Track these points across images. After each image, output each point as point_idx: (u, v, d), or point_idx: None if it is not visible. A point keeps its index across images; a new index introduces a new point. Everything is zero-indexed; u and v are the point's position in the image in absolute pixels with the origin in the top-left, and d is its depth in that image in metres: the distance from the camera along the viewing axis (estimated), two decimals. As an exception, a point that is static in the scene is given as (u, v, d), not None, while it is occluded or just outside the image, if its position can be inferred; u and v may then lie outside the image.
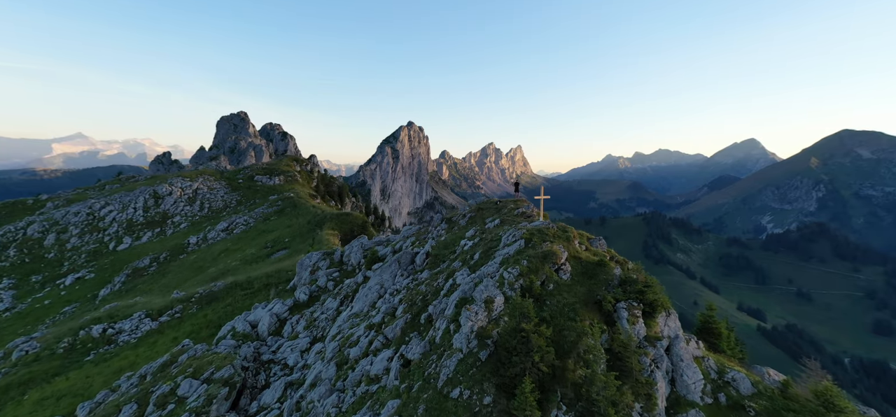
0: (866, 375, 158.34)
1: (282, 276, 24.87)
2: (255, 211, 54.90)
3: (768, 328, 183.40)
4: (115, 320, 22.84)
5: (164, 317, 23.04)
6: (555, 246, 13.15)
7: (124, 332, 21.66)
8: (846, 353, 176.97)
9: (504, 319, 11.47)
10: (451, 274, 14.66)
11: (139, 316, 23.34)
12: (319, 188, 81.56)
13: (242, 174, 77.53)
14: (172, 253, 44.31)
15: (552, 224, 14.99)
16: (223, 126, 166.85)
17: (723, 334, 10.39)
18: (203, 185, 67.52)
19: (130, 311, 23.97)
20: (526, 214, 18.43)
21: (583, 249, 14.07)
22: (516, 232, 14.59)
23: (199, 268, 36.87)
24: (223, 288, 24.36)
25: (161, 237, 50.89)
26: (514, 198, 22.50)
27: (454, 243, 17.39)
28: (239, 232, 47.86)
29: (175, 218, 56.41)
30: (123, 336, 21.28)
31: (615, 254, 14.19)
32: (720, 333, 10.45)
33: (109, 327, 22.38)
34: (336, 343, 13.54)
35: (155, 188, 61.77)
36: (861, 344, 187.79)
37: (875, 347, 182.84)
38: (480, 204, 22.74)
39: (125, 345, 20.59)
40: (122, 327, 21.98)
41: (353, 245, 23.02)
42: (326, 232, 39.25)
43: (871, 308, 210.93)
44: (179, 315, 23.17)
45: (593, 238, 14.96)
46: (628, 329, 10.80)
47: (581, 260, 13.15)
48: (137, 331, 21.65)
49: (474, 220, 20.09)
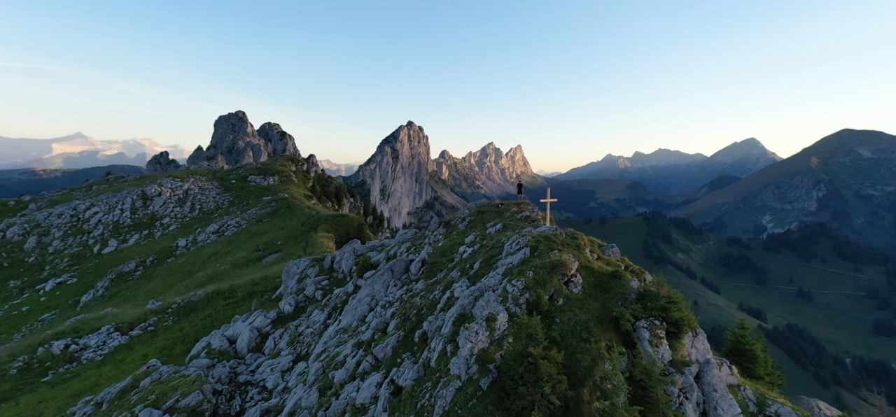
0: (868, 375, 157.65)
1: (268, 284, 23.37)
2: (248, 213, 53.26)
3: (769, 328, 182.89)
4: (81, 334, 20.84)
5: (135, 331, 21.09)
6: (564, 255, 11.73)
7: (89, 348, 19.64)
8: (847, 353, 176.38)
9: (508, 340, 10.07)
10: (448, 285, 13.25)
11: (107, 330, 21.30)
12: (315, 188, 79.74)
13: (236, 174, 75.85)
14: (160, 256, 42.61)
15: (560, 230, 13.58)
16: (221, 126, 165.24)
17: (758, 357, 9.05)
18: (194, 186, 65.72)
19: (99, 324, 22.03)
20: (530, 218, 17.03)
21: (595, 258, 12.66)
22: (520, 238, 13.16)
23: (187, 273, 35.33)
24: (203, 298, 22.71)
25: (149, 239, 49.22)
26: (516, 201, 21.13)
27: (452, 250, 15.99)
28: (230, 234, 46.34)
29: (164, 219, 54.63)
30: (88, 352, 19.28)
31: (630, 264, 12.79)
32: (755, 356, 9.10)
33: (73, 343, 20.16)
34: (320, 363, 12.13)
35: (143, 188, 59.84)
36: (862, 344, 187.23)
37: (876, 347, 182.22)
38: (481, 206, 21.34)
39: (88, 364, 18.56)
40: (88, 342, 19.98)
41: (344, 251, 21.67)
42: (320, 235, 37.82)
43: (872, 308, 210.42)
44: (153, 328, 21.29)
45: (605, 245, 13.54)
46: (651, 352, 9.40)
47: (593, 271, 11.74)
48: (104, 347, 19.67)
49: (474, 224, 18.68)
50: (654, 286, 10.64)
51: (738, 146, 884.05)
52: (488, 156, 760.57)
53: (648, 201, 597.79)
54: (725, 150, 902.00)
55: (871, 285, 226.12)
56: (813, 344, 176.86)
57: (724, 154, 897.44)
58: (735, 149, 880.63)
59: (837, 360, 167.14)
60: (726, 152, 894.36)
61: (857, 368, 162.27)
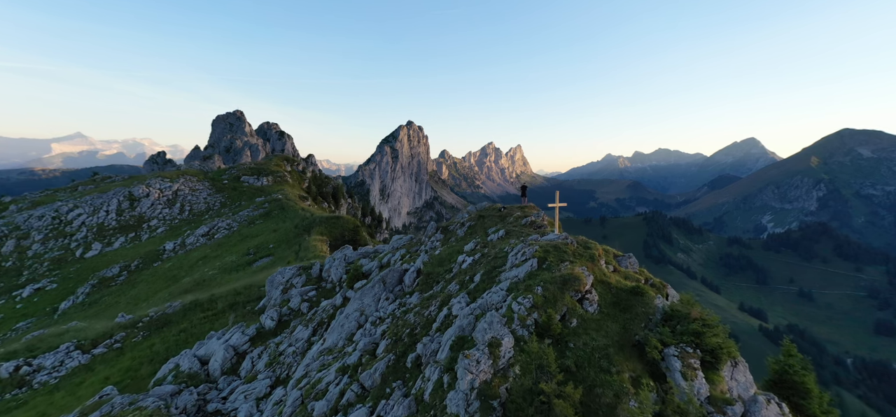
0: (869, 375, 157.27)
1: (252, 293, 21.53)
2: (240, 215, 51.44)
3: (770, 328, 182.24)
4: (36, 353, 18.49)
5: (99, 349, 18.74)
6: (576, 268, 10.23)
7: (45, 369, 17.38)
8: (849, 354, 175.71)
9: (515, 370, 8.57)
10: (446, 300, 11.75)
11: (67, 349, 18.84)
12: (311, 189, 77.81)
13: (228, 174, 73.46)
14: (145, 260, 40.74)
15: (570, 238, 12.07)
16: (218, 125, 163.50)
17: (812, 391, 7.62)
18: (184, 187, 63.29)
19: (58, 341, 19.55)
20: (535, 224, 15.55)
21: (610, 271, 11.15)
22: (526, 248, 11.67)
23: (173, 278, 33.74)
24: (179, 310, 20.61)
25: (135, 242, 47.12)
26: (520, 205, 19.60)
27: (450, 259, 14.50)
28: (221, 236, 44.60)
29: (152, 221, 52.46)
30: (42, 375, 17.02)
31: (651, 277, 11.29)
32: (808, 389, 7.66)
33: (26, 363, 17.64)
34: (299, 391, 10.65)
35: (130, 189, 57.36)
36: (863, 344, 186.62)
37: (878, 347, 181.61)
38: (482, 210, 19.90)
39: (41, 389, 16.24)
40: (43, 363, 17.70)
41: (334, 258, 19.94)
42: (314, 238, 36.20)
43: (873, 308, 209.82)
44: (119, 345, 19.03)
45: (621, 255, 12.05)
46: (685, 386, 7.92)
47: (611, 287, 10.24)
48: (62, 368, 17.44)
49: (474, 230, 17.18)
50: (684, 305, 9.16)
51: (738, 146, 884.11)
52: (488, 156, 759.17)
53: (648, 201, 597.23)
54: (725, 150, 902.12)
55: (871, 285, 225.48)
56: (814, 344, 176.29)
57: (723, 153, 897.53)
58: (735, 149, 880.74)
59: (838, 361, 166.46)
60: (726, 152, 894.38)
61: (859, 368, 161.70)
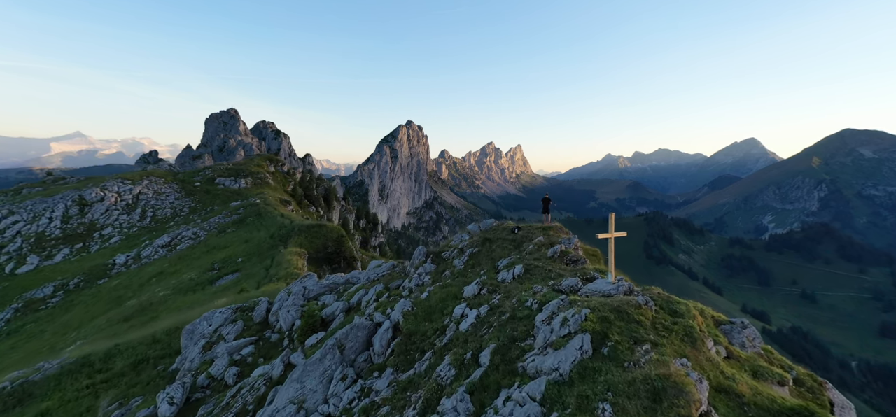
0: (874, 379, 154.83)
1: (174, 343, 15.53)
2: (210, 222, 45.70)
3: (773, 330, 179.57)
4: None
5: None
6: (672, 366, 5.51)
7: None
8: (853, 356, 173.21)
9: None
10: (433, 395, 7.04)
11: None
12: (296, 192, 71.85)
13: (201, 176, 66.78)
14: (89, 276, 34.83)
15: (639, 293, 7.32)
16: (212, 124, 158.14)
17: None
18: (148, 189, 56.23)
19: None
20: (568, 256, 10.86)
21: (722, 357, 6.42)
22: (569, 312, 6.90)
23: (118, 300, 28.36)
24: (53, 375, 14.22)
25: (82, 255, 41.23)
26: (542, 224, 14.85)
27: (443, 308, 9.78)
28: (184, 247, 39.02)
29: (105, 230, 45.93)
30: None
31: (792, 365, 6.57)
32: None
33: None
34: None
35: (82, 192, 50.34)
36: (868, 347, 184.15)
37: (883, 350, 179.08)
38: (487, 230, 14.96)
39: None
40: None
41: (289, 292, 14.85)
42: (291, 250, 31.15)
43: (878, 310, 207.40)
44: None
45: (728, 321, 7.31)
46: None
47: (744, 403, 5.52)
48: None
49: (478, 260, 12.53)
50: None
51: (739, 146, 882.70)
52: (488, 156, 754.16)
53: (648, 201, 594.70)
54: (725, 150, 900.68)
55: (876, 287, 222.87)
56: (818, 346, 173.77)
57: (724, 154, 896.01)
58: (735, 149, 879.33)
59: (843, 363, 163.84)
60: (726, 152, 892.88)
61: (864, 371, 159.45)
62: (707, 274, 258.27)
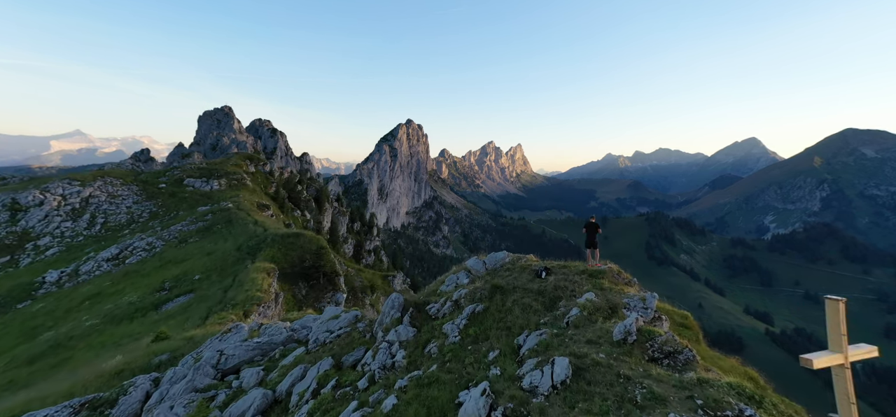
0: (879, 381, 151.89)
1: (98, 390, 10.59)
2: (171, 230, 40.30)
3: (777, 332, 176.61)
4: None
5: None
6: None
7: None
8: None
9: None
10: None
11: None
12: (279, 194, 66.45)
13: (168, 176, 59.47)
14: (9, 298, 29.21)
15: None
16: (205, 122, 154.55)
17: None
18: (100, 192, 49.28)
19: None
20: (653, 342, 6.14)
21: None
22: None
23: (31, 331, 23.55)
24: None
25: (7, 270, 35.21)
26: (587, 268, 9.99)
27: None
28: (135, 261, 33.79)
29: (42, 240, 39.50)
30: None
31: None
32: None
33: None
34: None
35: (15, 195, 43.60)
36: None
37: (888, 352, 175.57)
38: (497, 272, 10.18)
39: None
40: None
41: (194, 360, 10.68)
42: (259, 265, 26.63)
43: (882, 311, 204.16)
44: None
45: None
46: None
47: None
48: None
49: (483, 324, 8.18)
50: None
51: (739, 145, 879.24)
52: (488, 155, 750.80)
53: (649, 201, 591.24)
54: (726, 150, 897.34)
55: (880, 288, 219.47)
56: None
57: (724, 153, 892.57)
58: (736, 149, 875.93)
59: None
60: (727, 152, 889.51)
61: (868, 374, 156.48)
62: (709, 274, 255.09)
